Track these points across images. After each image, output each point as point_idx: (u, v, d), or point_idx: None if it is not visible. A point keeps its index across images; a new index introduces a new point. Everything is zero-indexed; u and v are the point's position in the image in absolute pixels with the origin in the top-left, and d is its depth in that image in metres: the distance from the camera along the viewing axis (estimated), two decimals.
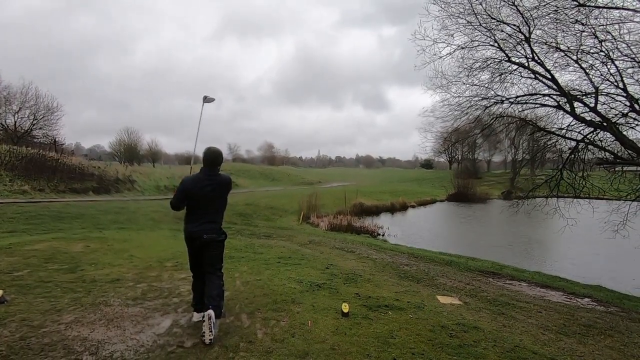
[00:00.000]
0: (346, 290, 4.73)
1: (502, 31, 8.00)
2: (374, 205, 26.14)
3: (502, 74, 8.40)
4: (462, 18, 8.05)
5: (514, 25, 7.68)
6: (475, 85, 8.64)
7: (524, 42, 7.76)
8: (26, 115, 31.22)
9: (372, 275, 5.91)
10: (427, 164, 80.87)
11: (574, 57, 7.39)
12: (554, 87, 7.80)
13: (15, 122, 30.99)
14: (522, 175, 11.31)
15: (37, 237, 7.54)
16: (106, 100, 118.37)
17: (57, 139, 31.45)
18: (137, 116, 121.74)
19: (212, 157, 3.40)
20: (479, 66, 8.39)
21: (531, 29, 7.52)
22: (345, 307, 3.77)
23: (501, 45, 8.02)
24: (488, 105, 8.65)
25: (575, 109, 7.72)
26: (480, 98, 8.64)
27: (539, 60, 7.73)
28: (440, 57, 8.51)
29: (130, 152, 48.11)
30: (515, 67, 8.21)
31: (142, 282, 4.55)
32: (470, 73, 8.48)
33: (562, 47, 7.43)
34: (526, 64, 8.01)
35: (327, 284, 4.91)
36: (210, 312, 3.01)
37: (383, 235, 16.83)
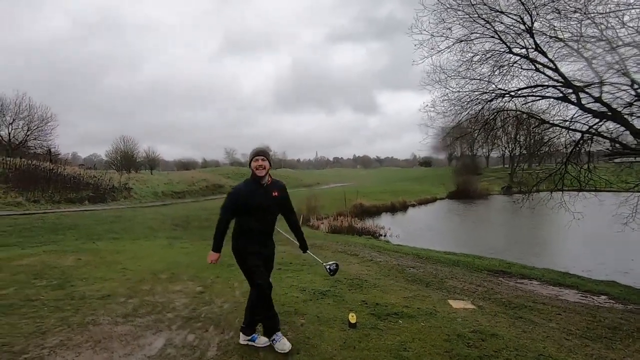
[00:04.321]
0: (352, 297, 4.46)
1: (501, 22, 7.80)
2: (374, 206, 25.87)
3: (502, 66, 8.19)
4: (460, 10, 7.85)
5: (515, 14, 7.46)
6: (475, 79, 8.44)
7: (525, 33, 7.55)
8: (20, 126, 30.96)
9: (378, 280, 5.64)
10: (426, 162, 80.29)
11: (575, 47, 7.19)
12: (558, 78, 7.58)
13: (10, 133, 30.72)
14: (525, 170, 11.04)
15: (29, 250, 7.24)
16: (114, 113, 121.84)
17: (51, 149, 31.15)
18: (141, 125, 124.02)
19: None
20: (479, 59, 8.19)
21: (533, 18, 7.29)
22: (352, 317, 3.50)
23: (502, 37, 7.81)
24: (489, 99, 8.44)
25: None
26: (480, 92, 8.43)
27: (541, 51, 7.51)
28: (439, 50, 8.32)
29: (127, 160, 47.66)
30: (516, 58, 8.01)
31: (134, 296, 4.26)
32: (470, 66, 8.28)
33: (564, 36, 7.22)
34: (527, 55, 7.80)
35: (332, 291, 4.64)
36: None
37: (385, 235, 16.57)
